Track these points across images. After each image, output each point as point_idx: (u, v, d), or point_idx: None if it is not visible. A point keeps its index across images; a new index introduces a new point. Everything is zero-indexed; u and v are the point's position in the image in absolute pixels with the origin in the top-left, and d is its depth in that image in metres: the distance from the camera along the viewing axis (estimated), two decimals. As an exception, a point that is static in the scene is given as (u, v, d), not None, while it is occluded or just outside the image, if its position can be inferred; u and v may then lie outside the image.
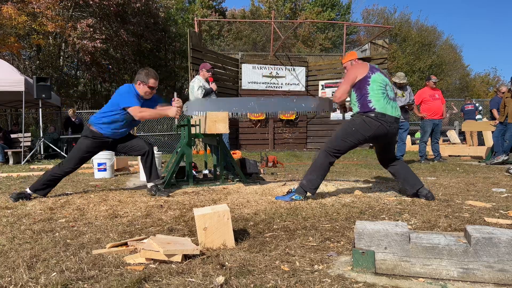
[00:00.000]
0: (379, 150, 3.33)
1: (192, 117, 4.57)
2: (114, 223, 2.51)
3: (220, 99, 3.80)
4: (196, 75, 5.72)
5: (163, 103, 3.72)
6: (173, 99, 3.55)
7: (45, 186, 3.42)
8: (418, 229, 2.27)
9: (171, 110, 3.48)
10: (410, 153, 8.72)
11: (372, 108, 3.02)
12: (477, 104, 12.37)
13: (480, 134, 10.05)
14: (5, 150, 8.38)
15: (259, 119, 12.26)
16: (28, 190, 3.38)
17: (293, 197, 3.13)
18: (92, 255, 1.82)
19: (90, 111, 13.63)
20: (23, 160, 8.04)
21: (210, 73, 5.55)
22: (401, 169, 3.26)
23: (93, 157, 5.25)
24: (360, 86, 3.08)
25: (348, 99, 3.29)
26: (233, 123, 11.59)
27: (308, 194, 3.17)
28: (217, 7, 26.50)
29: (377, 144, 3.29)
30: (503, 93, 7.03)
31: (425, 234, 1.65)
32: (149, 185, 3.58)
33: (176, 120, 12.97)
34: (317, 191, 3.21)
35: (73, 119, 11.38)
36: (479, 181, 4.36)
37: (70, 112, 11.63)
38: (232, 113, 3.74)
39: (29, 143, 9.02)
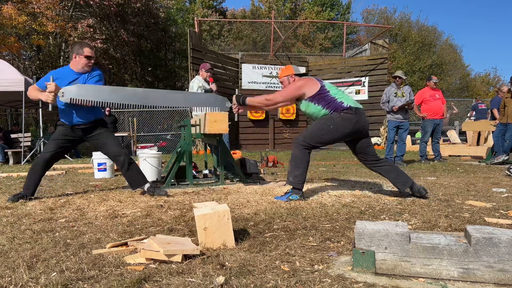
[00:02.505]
0: (357, 149, 3.29)
1: (192, 116, 4.57)
2: (114, 223, 2.51)
3: (98, 86, 3.45)
4: (196, 75, 5.72)
5: (97, 81, 3.48)
6: (46, 83, 3.32)
7: (32, 181, 3.40)
8: (418, 229, 2.27)
9: (43, 94, 3.30)
10: (410, 153, 8.72)
11: (347, 105, 3.11)
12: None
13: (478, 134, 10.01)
14: (5, 150, 8.39)
15: (260, 119, 12.26)
16: (22, 191, 3.40)
17: (290, 197, 3.13)
18: (92, 255, 1.82)
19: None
20: (23, 160, 8.04)
21: (210, 73, 5.55)
22: (389, 169, 3.27)
23: (93, 157, 5.29)
24: (322, 97, 3.15)
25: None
26: (233, 123, 11.59)
27: (303, 190, 3.20)
28: (217, 7, 26.52)
29: (354, 142, 3.25)
30: (504, 93, 7.02)
31: (425, 234, 1.65)
32: (145, 187, 3.53)
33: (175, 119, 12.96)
34: (317, 191, 3.21)
35: None
36: (479, 181, 4.36)
37: None
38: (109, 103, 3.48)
39: (29, 143, 9.02)
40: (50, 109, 3.36)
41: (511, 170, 4.76)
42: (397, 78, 6.64)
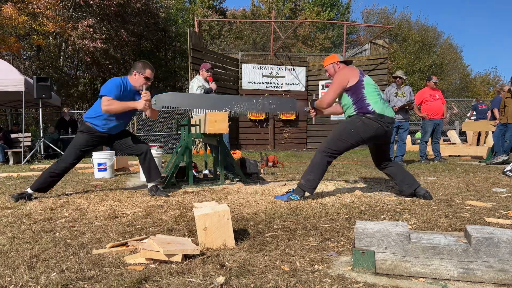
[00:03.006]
0: (375, 151, 3.33)
1: (192, 116, 4.57)
2: (114, 223, 2.51)
3: (192, 94, 3.79)
4: (196, 75, 5.72)
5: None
6: (140, 91, 3.47)
7: (45, 184, 3.42)
8: (418, 229, 2.27)
9: (139, 103, 3.40)
10: (410, 153, 8.72)
11: (372, 110, 3.05)
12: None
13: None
14: (5, 150, 8.38)
15: (260, 119, 12.26)
16: (29, 190, 3.37)
17: (291, 196, 3.13)
18: (92, 255, 1.82)
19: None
20: (23, 160, 8.04)
21: (210, 73, 5.55)
22: (397, 170, 3.27)
23: (93, 157, 5.29)
24: (356, 91, 3.10)
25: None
26: (234, 123, 11.59)
27: (307, 194, 3.17)
28: (217, 7, 26.51)
29: (374, 145, 3.28)
30: (505, 92, 7.02)
31: (425, 234, 1.65)
32: (150, 185, 3.58)
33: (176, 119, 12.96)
34: (317, 191, 3.20)
35: (67, 119, 11.43)
36: (479, 181, 4.36)
37: (65, 110, 11.74)
38: (198, 110, 3.72)
39: (29, 143, 9.02)
40: (144, 116, 3.55)
41: (506, 172, 4.76)
42: (398, 78, 6.64)
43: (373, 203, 3.05)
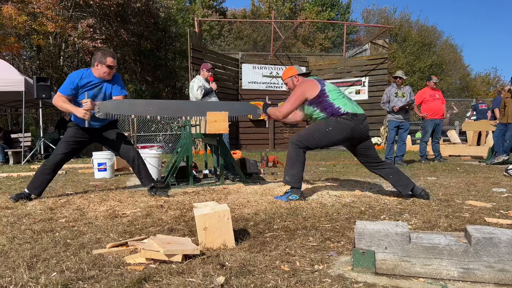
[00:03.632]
0: (359, 153, 3.29)
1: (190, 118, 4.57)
2: (114, 223, 2.51)
3: (132, 101, 3.64)
4: (196, 75, 5.72)
5: (120, 94, 3.55)
6: (83, 99, 3.38)
7: (40, 182, 3.40)
8: (418, 229, 2.27)
9: (78, 111, 3.35)
10: (410, 153, 8.72)
11: (345, 111, 3.08)
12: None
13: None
14: (5, 150, 8.38)
15: (259, 119, 12.25)
16: (26, 190, 3.38)
17: (290, 197, 3.13)
18: (92, 255, 1.82)
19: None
20: (23, 160, 8.04)
21: (211, 73, 5.55)
22: (390, 171, 3.25)
23: (93, 157, 5.29)
24: (321, 101, 3.13)
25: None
26: (233, 122, 11.59)
27: (300, 187, 3.19)
28: (217, 7, 26.51)
29: (353, 146, 3.25)
30: (505, 92, 7.02)
31: (426, 234, 1.65)
32: (147, 187, 3.57)
33: (176, 120, 12.96)
34: (317, 191, 3.20)
35: (67, 119, 11.44)
36: (479, 181, 4.36)
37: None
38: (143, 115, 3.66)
39: (29, 143, 9.02)
40: (86, 125, 3.42)
41: (509, 171, 4.76)
42: (398, 79, 6.64)
43: (373, 203, 3.05)
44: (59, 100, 3.39)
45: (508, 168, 4.81)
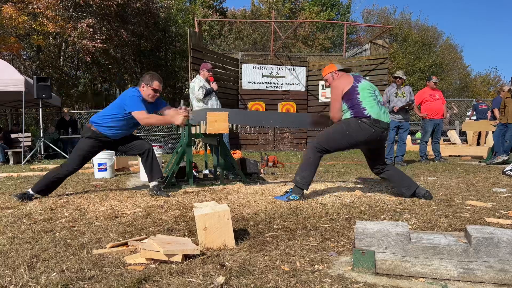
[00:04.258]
0: (370, 156, 3.31)
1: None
2: (114, 223, 2.51)
3: (226, 110, 3.92)
4: (196, 75, 5.72)
5: (165, 106, 3.72)
6: (179, 107, 3.65)
7: (47, 187, 3.44)
8: (418, 229, 2.27)
9: (178, 118, 3.52)
10: (410, 153, 8.72)
11: (368, 115, 3.05)
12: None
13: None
14: (5, 150, 8.38)
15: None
16: (30, 191, 3.38)
17: (290, 197, 3.13)
18: (92, 255, 1.82)
19: (90, 111, 13.61)
20: (23, 160, 8.03)
21: (211, 73, 5.55)
22: (394, 173, 3.27)
23: (93, 157, 5.29)
24: (350, 97, 3.11)
25: None
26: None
27: (305, 191, 3.19)
28: (217, 7, 26.52)
29: (367, 149, 3.28)
30: (505, 92, 7.02)
31: (426, 234, 1.65)
32: (151, 184, 3.57)
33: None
34: (317, 191, 3.20)
35: (67, 119, 11.45)
36: (479, 181, 4.36)
37: (65, 110, 11.76)
38: (235, 125, 3.85)
39: (29, 143, 9.02)
40: (181, 131, 3.70)
41: (506, 172, 4.76)
42: (398, 79, 6.64)
43: (373, 203, 3.05)
44: (150, 116, 3.44)
45: (505, 169, 4.82)
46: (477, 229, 1.53)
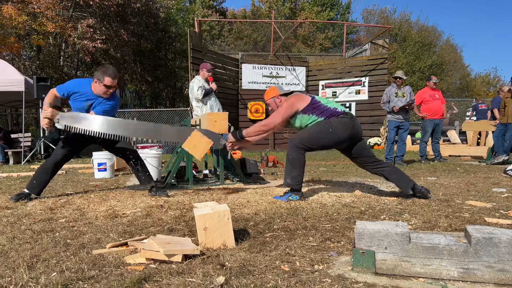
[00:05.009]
0: (356, 154, 3.25)
1: (192, 116, 4.57)
2: (114, 223, 2.51)
3: (91, 116, 3.29)
4: (196, 75, 5.72)
5: (108, 109, 3.39)
6: (43, 107, 3.32)
7: (38, 180, 3.40)
8: (418, 229, 2.27)
9: (42, 117, 3.27)
10: (410, 153, 8.72)
11: (341, 111, 3.15)
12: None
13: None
14: (5, 150, 8.38)
15: (260, 118, 12.26)
16: (26, 190, 3.38)
17: (290, 197, 3.13)
18: (92, 255, 1.82)
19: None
20: (23, 160, 8.04)
21: (210, 73, 5.55)
22: (391, 171, 3.25)
23: (93, 157, 5.30)
24: (314, 106, 3.16)
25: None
26: (233, 123, 11.58)
27: (302, 189, 3.21)
28: (217, 7, 26.51)
29: (351, 147, 3.23)
30: (505, 92, 7.02)
31: (426, 234, 1.65)
32: (149, 186, 3.58)
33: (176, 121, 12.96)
34: (317, 191, 3.20)
35: None
36: (479, 181, 4.36)
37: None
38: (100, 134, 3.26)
39: (29, 143, 9.02)
40: (47, 134, 3.33)
41: (508, 172, 4.76)
42: (398, 79, 6.65)
43: (373, 203, 3.05)
44: (49, 93, 3.36)
45: (507, 169, 4.82)
46: (477, 229, 1.53)
